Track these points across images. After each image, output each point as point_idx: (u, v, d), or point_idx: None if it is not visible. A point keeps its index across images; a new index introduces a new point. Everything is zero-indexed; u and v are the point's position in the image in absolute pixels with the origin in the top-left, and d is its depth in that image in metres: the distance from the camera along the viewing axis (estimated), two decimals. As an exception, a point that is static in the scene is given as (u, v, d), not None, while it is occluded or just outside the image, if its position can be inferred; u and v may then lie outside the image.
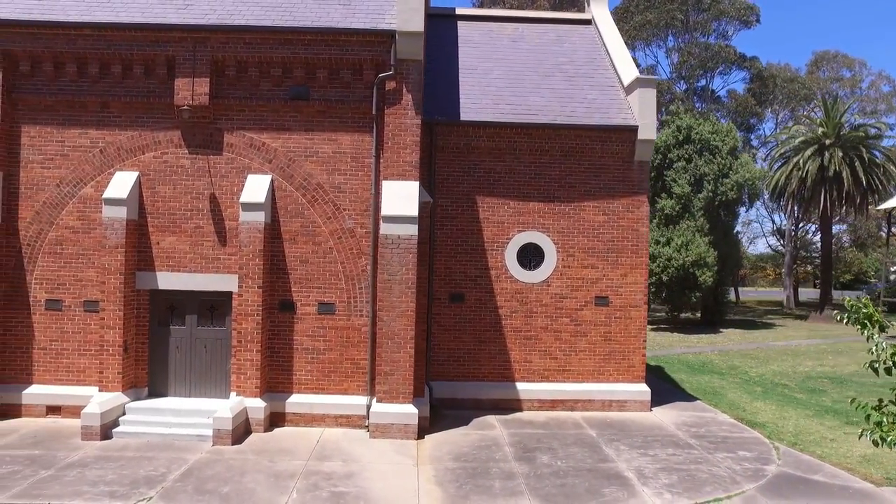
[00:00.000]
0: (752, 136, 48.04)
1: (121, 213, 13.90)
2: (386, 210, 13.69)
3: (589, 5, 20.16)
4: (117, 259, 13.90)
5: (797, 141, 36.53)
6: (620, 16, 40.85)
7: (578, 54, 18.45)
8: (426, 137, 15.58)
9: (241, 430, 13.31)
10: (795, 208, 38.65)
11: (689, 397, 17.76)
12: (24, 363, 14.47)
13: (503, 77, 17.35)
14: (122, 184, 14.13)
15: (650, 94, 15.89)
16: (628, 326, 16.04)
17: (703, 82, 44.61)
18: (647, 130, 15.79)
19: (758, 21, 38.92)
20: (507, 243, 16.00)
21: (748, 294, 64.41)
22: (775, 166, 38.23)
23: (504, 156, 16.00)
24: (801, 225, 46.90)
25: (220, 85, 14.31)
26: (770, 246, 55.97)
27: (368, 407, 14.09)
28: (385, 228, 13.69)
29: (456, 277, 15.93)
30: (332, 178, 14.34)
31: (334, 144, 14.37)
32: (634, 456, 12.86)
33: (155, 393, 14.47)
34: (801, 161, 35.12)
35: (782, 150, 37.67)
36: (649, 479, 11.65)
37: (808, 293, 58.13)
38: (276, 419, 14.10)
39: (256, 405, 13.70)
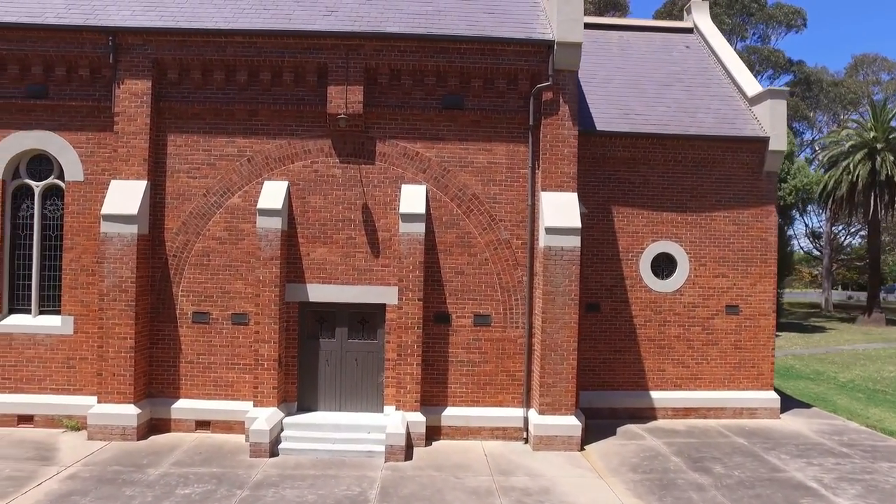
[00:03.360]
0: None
1: (276, 223, 13.59)
2: (549, 222, 13.62)
3: (689, 13, 20.32)
4: (272, 271, 13.59)
5: (847, 145, 37.21)
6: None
7: (688, 63, 18.58)
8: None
9: (407, 446, 13.15)
10: (846, 211, 39.26)
11: (801, 404, 18.04)
12: (171, 377, 14.07)
13: (624, 86, 17.39)
14: (274, 194, 13.81)
15: (781, 106, 16.09)
16: (758, 335, 16.24)
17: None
18: (779, 141, 15.99)
19: (804, 25, 39.56)
20: (642, 253, 16.07)
21: (784, 296, 65.75)
22: (821, 170, 38.76)
23: (638, 166, 16.05)
24: (840, 228, 47.72)
25: (372, 93, 14.08)
26: (802, 248, 56.44)
27: (525, 419, 14.04)
28: (548, 240, 13.63)
29: (592, 287, 15.93)
30: (488, 188, 14.22)
31: (489, 155, 14.24)
32: (801, 465, 13.02)
33: (304, 407, 14.20)
34: (851, 165, 35.79)
35: (831, 154, 38.39)
36: (835, 489, 11.81)
37: (841, 295, 59.11)
38: (431, 433, 13.92)
39: (417, 419, 13.53)
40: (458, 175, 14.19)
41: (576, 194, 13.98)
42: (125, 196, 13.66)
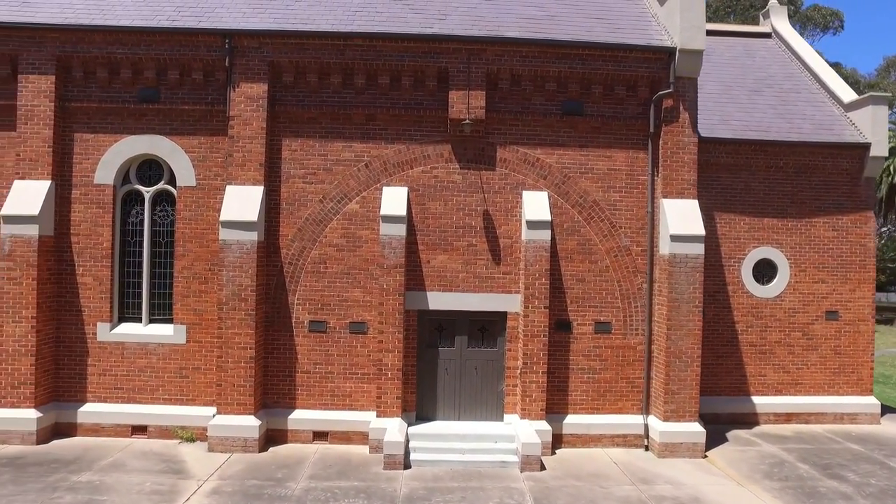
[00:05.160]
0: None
1: (399, 230, 13.37)
2: (674, 229, 13.56)
3: (766, 18, 20.39)
4: (396, 279, 13.38)
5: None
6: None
7: (773, 69, 18.64)
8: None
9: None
10: (881, 212, 39.36)
11: (890, 409, 18.20)
12: (287, 387, 13.80)
13: (716, 92, 17.39)
14: (396, 200, 13.59)
15: (883, 112, 16.19)
16: (857, 340, 16.33)
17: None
18: (880, 147, 16.08)
19: (841, 27, 39.93)
20: (743, 259, 16.08)
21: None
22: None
23: (740, 172, 16.05)
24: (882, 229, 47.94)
25: (493, 98, 13.91)
26: None
27: (645, 426, 13.98)
28: (672, 247, 13.58)
29: (695, 293, 15.92)
30: (608, 195, 14.12)
31: (609, 161, 14.14)
32: (930, 471, 13.12)
33: (423, 417, 14.00)
34: (891, 167, 36.07)
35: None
36: (978, 495, 11.91)
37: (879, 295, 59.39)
38: (553, 441, 13.76)
39: (543, 428, 13.38)
40: (579, 182, 14.08)
41: (696, 201, 13.94)
42: (243, 202, 13.36)
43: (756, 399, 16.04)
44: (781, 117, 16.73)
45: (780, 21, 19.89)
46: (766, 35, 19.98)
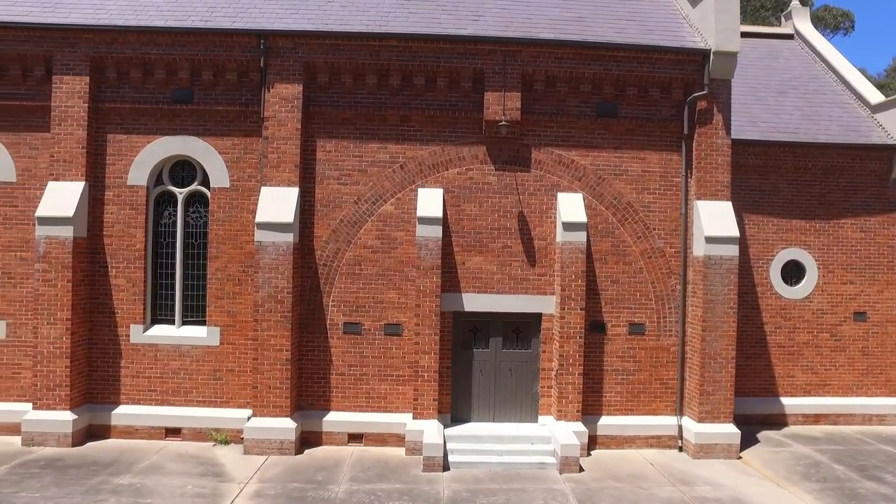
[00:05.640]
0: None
1: (436, 232, 13.35)
2: (708, 231, 13.58)
3: (787, 20, 20.44)
4: (433, 280, 13.36)
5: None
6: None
7: (798, 70, 18.69)
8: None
9: (575, 456, 13.03)
10: None
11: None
12: (321, 389, 13.77)
13: (743, 93, 17.38)
14: (432, 201, 13.57)
15: (910, 114, 16.25)
16: (885, 341, 16.38)
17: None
18: (908, 149, 16.16)
19: (852, 28, 39.95)
20: (772, 260, 16.12)
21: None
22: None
23: (769, 174, 16.09)
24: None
25: (528, 100, 13.89)
26: None
27: (679, 427, 14.00)
28: (707, 249, 13.60)
29: (725, 294, 15.95)
30: (641, 196, 14.13)
31: (642, 163, 14.15)
32: (966, 472, 13.17)
33: (457, 419, 13.98)
34: None
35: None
36: None
37: None
38: (588, 442, 13.78)
39: (579, 429, 13.38)
40: (613, 183, 14.09)
41: (730, 203, 13.98)
42: (278, 203, 13.32)
43: (785, 400, 16.08)
44: (808, 119, 16.77)
45: (802, 22, 19.94)
46: (789, 36, 20.03)
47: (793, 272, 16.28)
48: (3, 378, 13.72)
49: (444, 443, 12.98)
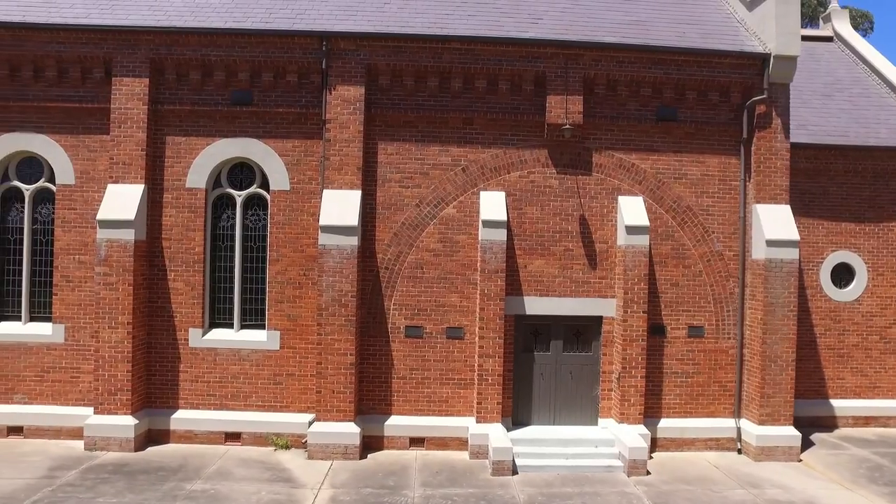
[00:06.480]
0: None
1: (500, 235, 13.32)
2: (769, 234, 13.62)
3: (826, 22, 20.52)
4: (497, 284, 13.32)
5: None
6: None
7: (840, 73, 18.76)
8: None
9: (640, 460, 13.05)
10: None
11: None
12: (382, 393, 13.71)
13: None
14: (495, 205, 13.53)
15: (958, 118, 16.35)
16: (932, 343, 16.52)
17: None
18: (957, 153, 16.24)
19: (871, 29, 40.11)
20: (822, 263, 16.19)
21: None
22: None
23: (819, 177, 16.15)
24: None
25: (589, 103, 13.87)
26: None
27: (738, 429, 14.03)
28: (768, 252, 13.63)
29: (776, 297, 16.01)
30: (701, 200, 14.14)
31: (702, 167, 14.16)
32: None
33: (518, 422, 13.95)
34: None
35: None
36: None
37: None
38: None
39: (643, 432, 13.38)
40: (673, 187, 14.10)
41: (789, 206, 14.02)
42: (341, 206, 13.24)
43: (834, 402, 16.15)
44: (856, 122, 16.84)
45: (842, 24, 20.03)
46: (828, 39, 20.10)
47: (842, 275, 16.35)
48: (63, 382, 13.60)
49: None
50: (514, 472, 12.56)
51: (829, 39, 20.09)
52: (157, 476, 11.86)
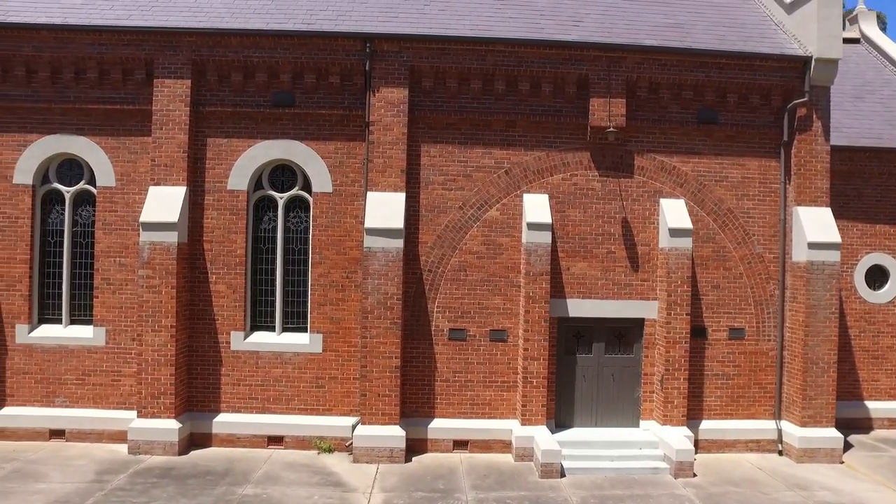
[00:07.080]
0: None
1: (545, 238, 13.31)
2: (811, 237, 13.66)
3: (852, 24, 20.58)
4: (542, 286, 13.31)
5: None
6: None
7: (869, 75, 18.83)
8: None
9: (685, 462, 13.07)
10: None
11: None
12: (426, 396, 13.67)
13: (820, 98, 17.52)
14: (539, 207, 13.51)
15: None
16: (964, 345, 16.61)
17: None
18: None
19: (884, 29, 40.20)
20: (856, 265, 16.25)
21: None
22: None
23: (853, 179, 16.20)
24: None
25: (631, 106, 13.87)
26: None
27: (779, 431, 14.07)
28: (810, 255, 13.67)
29: (811, 299, 16.06)
30: (741, 203, 14.17)
31: (742, 169, 14.19)
32: None
33: (561, 424, 13.95)
34: None
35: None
36: None
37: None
38: (690, 447, 13.88)
39: (686, 434, 13.40)
40: (714, 189, 14.12)
41: (829, 209, 14.06)
42: (386, 209, 13.19)
43: (870, 404, 16.22)
44: (889, 124, 16.90)
45: (869, 26, 20.10)
46: (855, 41, 20.16)
47: (876, 276, 16.42)
48: (104, 385, 13.51)
49: (554, 449, 13.01)
50: (562, 474, 12.57)
51: (856, 41, 20.15)
52: (205, 480, 11.80)
